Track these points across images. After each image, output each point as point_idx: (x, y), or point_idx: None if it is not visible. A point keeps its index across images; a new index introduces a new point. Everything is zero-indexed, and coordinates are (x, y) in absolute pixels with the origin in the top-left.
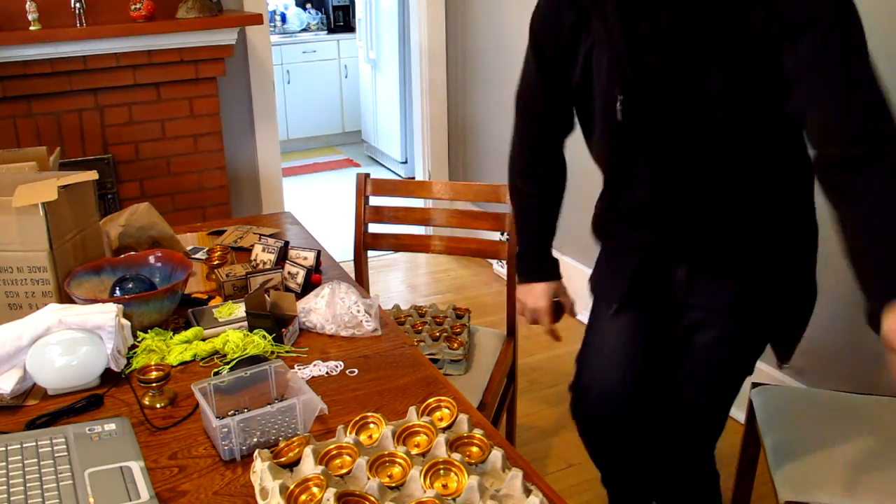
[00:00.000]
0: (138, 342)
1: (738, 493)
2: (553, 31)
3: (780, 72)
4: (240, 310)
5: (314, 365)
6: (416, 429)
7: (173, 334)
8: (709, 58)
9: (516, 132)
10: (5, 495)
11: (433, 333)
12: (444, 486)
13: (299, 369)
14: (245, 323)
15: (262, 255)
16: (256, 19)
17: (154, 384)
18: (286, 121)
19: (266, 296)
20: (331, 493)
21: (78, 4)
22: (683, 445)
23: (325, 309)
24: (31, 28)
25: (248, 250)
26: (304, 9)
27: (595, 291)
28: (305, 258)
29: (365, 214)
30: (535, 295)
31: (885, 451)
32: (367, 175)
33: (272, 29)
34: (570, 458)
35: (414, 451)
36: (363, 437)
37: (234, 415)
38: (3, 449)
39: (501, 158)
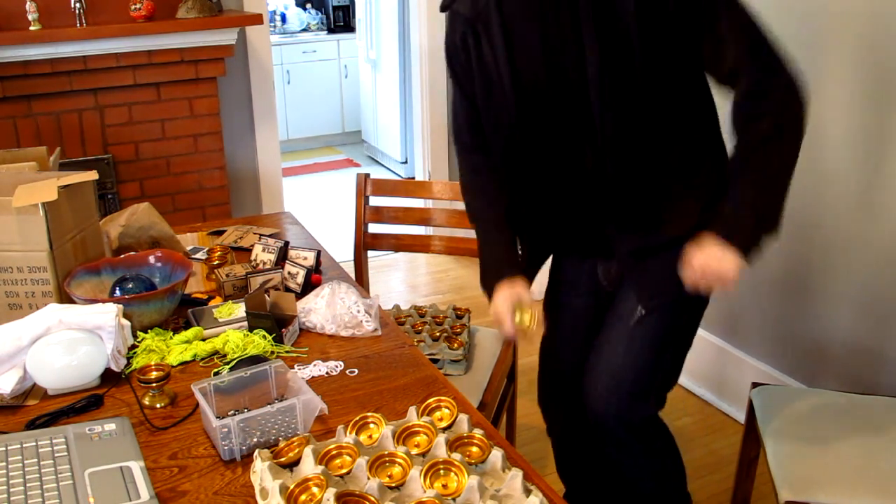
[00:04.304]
0: (138, 342)
1: (738, 493)
2: (459, 54)
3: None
4: (240, 310)
5: (314, 365)
6: (416, 429)
7: (173, 334)
8: (582, 41)
9: (462, 174)
10: (5, 495)
11: (433, 333)
12: (444, 486)
13: (299, 369)
14: (245, 323)
15: (262, 255)
16: (256, 19)
17: (154, 384)
18: (286, 121)
19: (266, 296)
20: (331, 493)
21: (78, 4)
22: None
23: (325, 309)
24: (31, 28)
25: (248, 250)
26: (304, 9)
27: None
28: (305, 258)
29: (365, 214)
30: (495, 302)
31: (885, 451)
32: (367, 175)
33: (272, 29)
34: None
35: (414, 451)
36: (363, 437)
37: (234, 415)
38: (3, 449)
39: None
